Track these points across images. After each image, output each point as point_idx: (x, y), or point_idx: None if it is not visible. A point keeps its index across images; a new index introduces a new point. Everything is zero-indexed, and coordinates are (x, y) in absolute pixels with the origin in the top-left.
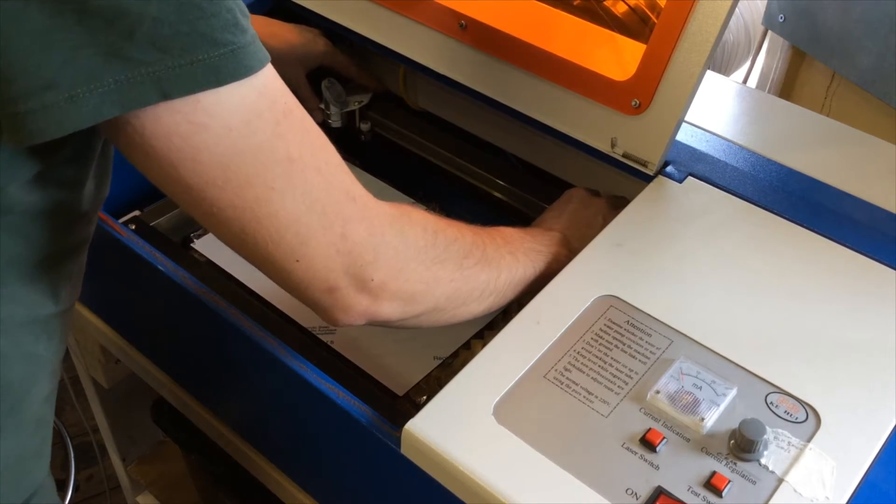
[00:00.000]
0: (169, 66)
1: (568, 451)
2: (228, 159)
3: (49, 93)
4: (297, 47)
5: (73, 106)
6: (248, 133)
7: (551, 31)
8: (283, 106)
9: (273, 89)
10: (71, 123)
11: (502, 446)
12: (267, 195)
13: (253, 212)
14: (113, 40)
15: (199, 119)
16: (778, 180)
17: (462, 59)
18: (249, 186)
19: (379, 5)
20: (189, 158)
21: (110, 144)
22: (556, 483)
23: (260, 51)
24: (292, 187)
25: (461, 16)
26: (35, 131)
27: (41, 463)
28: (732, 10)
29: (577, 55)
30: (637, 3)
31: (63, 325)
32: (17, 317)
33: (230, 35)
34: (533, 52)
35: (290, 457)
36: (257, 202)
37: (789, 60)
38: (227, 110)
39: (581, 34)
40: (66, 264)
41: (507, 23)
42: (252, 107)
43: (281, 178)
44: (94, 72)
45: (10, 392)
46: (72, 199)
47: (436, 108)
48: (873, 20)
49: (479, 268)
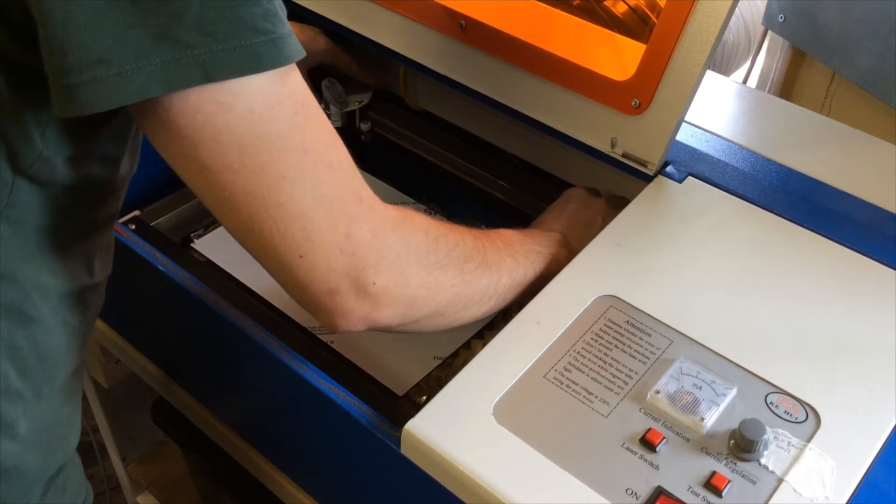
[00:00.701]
0: (213, 50)
1: (568, 451)
2: (248, 142)
3: (100, 67)
4: None
5: (122, 82)
6: (268, 118)
7: (551, 31)
8: (302, 98)
9: (294, 80)
10: (118, 98)
11: (502, 446)
12: (279, 183)
13: (263, 199)
14: (163, 22)
15: (224, 99)
16: (778, 180)
17: (462, 59)
18: (263, 172)
19: (379, 5)
20: (210, 138)
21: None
22: (556, 483)
23: (297, 43)
24: (303, 179)
25: (461, 16)
26: (84, 103)
27: (73, 431)
28: (732, 10)
29: (577, 55)
30: (637, 4)
31: (96, 299)
32: (57, 287)
33: (270, 24)
34: (533, 52)
35: (290, 457)
36: (269, 189)
37: (789, 60)
38: (251, 93)
39: (581, 34)
40: (99, 236)
41: (507, 23)
42: (275, 93)
43: (294, 168)
44: (143, 51)
45: (48, 359)
46: (110, 174)
47: (436, 108)
48: (873, 20)
49: (479, 272)
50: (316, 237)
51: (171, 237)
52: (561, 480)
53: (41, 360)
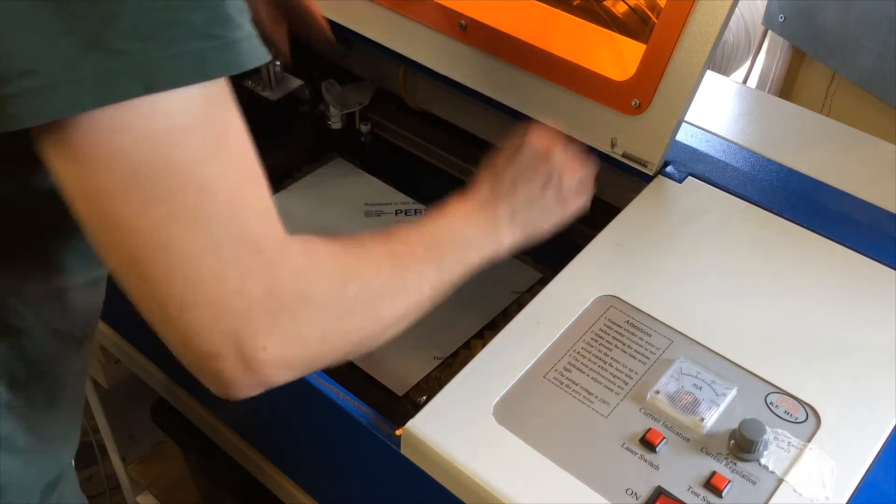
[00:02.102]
0: (151, 58)
1: (568, 451)
2: (142, 170)
3: (28, 78)
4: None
5: (52, 94)
6: (171, 145)
7: (551, 31)
8: (221, 127)
9: (219, 104)
10: (49, 112)
11: (502, 446)
12: (167, 222)
13: (148, 237)
14: (94, 27)
15: (125, 118)
16: (778, 180)
17: (462, 59)
18: (152, 206)
19: (379, 5)
20: (102, 159)
21: None
22: (556, 483)
23: (257, 47)
24: (195, 221)
25: (461, 16)
26: (13, 117)
27: (70, 446)
28: (732, 10)
29: (577, 55)
30: (637, 3)
31: (84, 300)
32: (36, 290)
33: (220, 29)
34: (533, 51)
35: (290, 456)
36: (155, 227)
37: (789, 60)
38: (159, 113)
39: (581, 34)
40: (70, 238)
41: (507, 23)
42: (187, 117)
43: (188, 208)
44: (73, 60)
45: (39, 368)
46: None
47: (436, 109)
48: (873, 20)
49: (395, 300)
50: (201, 290)
51: None
52: (561, 480)
53: (32, 370)
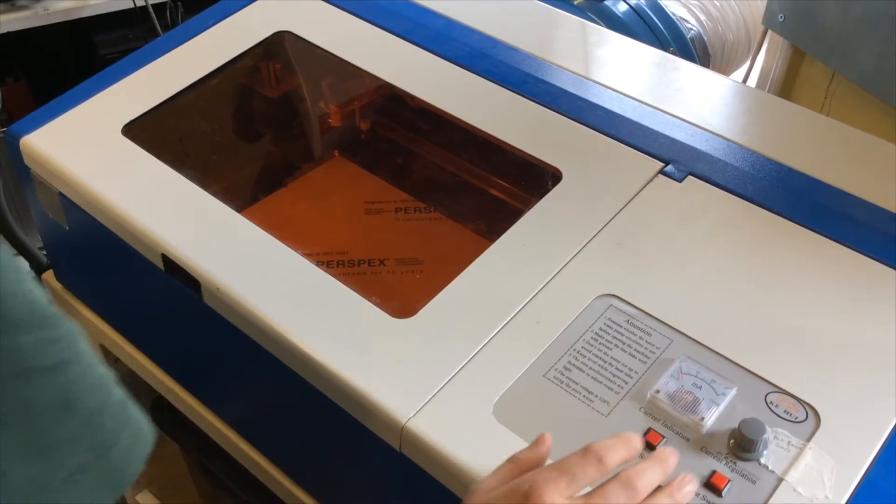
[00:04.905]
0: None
1: (568, 450)
2: None
3: None
4: None
5: None
6: None
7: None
8: None
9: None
10: None
11: (502, 445)
12: None
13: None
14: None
15: None
16: (778, 180)
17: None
18: None
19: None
20: None
21: None
22: None
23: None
24: None
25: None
26: None
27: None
28: None
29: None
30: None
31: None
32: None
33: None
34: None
35: (290, 456)
36: None
37: (789, 60)
38: None
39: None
40: None
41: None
42: None
43: None
44: None
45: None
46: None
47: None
48: (873, 19)
49: None
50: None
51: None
52: None
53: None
